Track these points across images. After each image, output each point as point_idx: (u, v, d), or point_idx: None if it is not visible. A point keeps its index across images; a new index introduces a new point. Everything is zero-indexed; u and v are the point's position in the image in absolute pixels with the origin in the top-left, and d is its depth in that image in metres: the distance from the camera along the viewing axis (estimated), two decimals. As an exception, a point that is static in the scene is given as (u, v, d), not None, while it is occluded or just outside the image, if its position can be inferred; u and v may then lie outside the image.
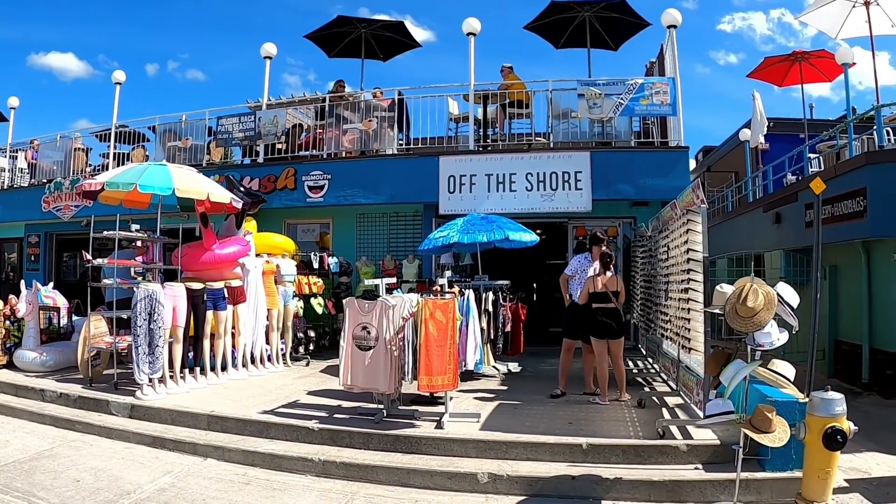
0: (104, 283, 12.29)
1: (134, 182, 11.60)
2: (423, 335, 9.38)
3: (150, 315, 11.14)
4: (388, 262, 17.33)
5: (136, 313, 11.08)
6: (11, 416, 11.40)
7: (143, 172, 11.93)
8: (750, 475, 7.45)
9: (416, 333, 9.61)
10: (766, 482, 7.51)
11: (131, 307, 11.20)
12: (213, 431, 9.91)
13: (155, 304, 11.17)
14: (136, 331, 11.09)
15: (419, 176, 16.54)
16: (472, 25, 17.13)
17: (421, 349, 9.38)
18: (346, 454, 8.77)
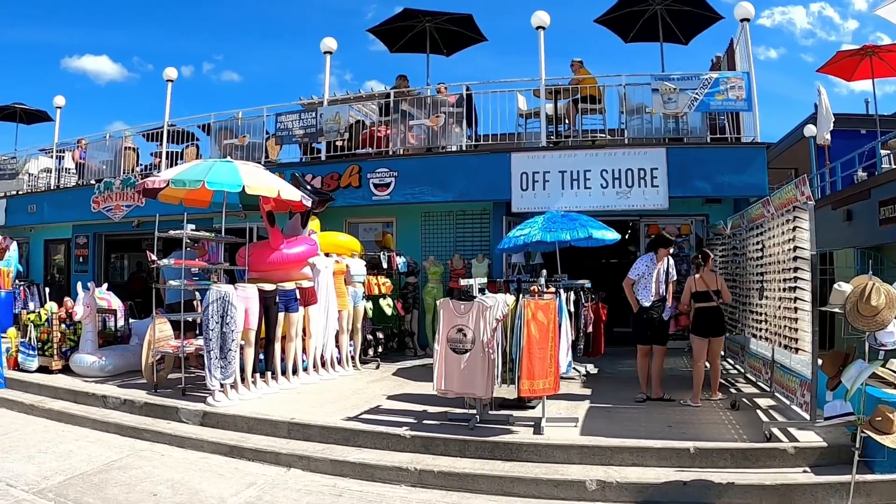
0: (171, 284, 11.75)
1: (201, 179, 10.97)
2: (525, 338, 8.82)
3: (223, 318, 10.53)
4: (456, 261, 16.67)
5: (207, 316, 10.51)
6: (72, 424, 10.82)
7: (210, 169, 11.29)
8: (860, 477, 6.99)
9: (504, 336, 9.25)
10: (876, 484, 7.19)
11: (202, 309, 10.68)
12: (294, 440, 9.32)
13: (227, 306, 10.56)
14: (207, 334, 10.52)
15: (490, 173, 15.87)
16: (541, 19, 16.47)
17: (523, 352, 8.82)
18: (443, 462, 8.26)
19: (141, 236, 24.40)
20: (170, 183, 11.28)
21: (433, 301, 15.97)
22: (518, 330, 9.09)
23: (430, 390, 10.82)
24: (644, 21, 18.41)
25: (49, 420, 11.11)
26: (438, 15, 18.59)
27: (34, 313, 13.84)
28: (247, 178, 11.25)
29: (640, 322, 10.95)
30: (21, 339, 13.81)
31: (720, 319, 10.67)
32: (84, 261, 22.95)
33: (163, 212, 18.30)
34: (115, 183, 20.46)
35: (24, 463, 8.77)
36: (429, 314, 16.37)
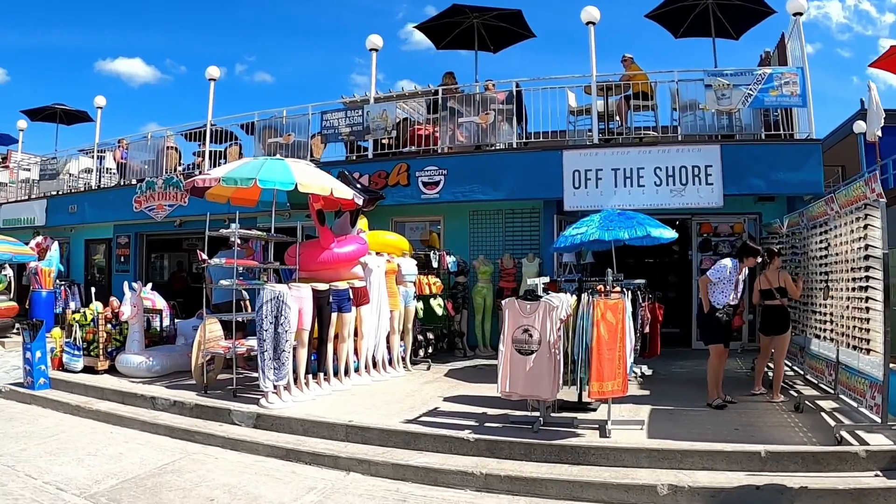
0: (222, 284, 11.50)
1: (253, 177, 10.72)
2: (594, 338, 8.55)
3: (277, 318, 10.30)
4: (506, 260, 16.31)
5: (261, 316, 10.27)
6: (121, 426, 10.60)
7: (261, 167, 11.05)
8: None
9: (566, 336, 9.10)
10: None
11: (256, 310, 10.41)
12: (352, 443, 9.05)
13: (282, 306, 10.31)
14: (261, 335, 10.28)
15: (541, 171, 15.49)
16: (591, 14, 16.13)
17: (592, 353, 8.58)
18: (509, 466, 7.98)
19: (182, 236, 24.39)
20: (221, 181, 11.03)
21: (483, 301, 15.79)
22: (581, 330, 8.93)
23: (486, 392, 10.80)
24: (695, 16, 18.02)
25: (97, 421, 10.92)
26: (487, 10, 18.25)
27: (79, 313, 13.60)
28: (299, 176, 11.02)
29: (713, 323, 10.57)
30: (66, 340, 13.64)
31: (783, 317, 10.59)
32: (125, 260, 22.90)
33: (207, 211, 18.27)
34: (157, 182, 20.32)
35: (74, 466, 8.55)
36: (478, 314, 16.13)
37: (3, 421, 11.01)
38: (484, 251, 16.87)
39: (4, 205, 26.69)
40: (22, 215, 25.35)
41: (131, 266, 22.65)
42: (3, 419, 11.13)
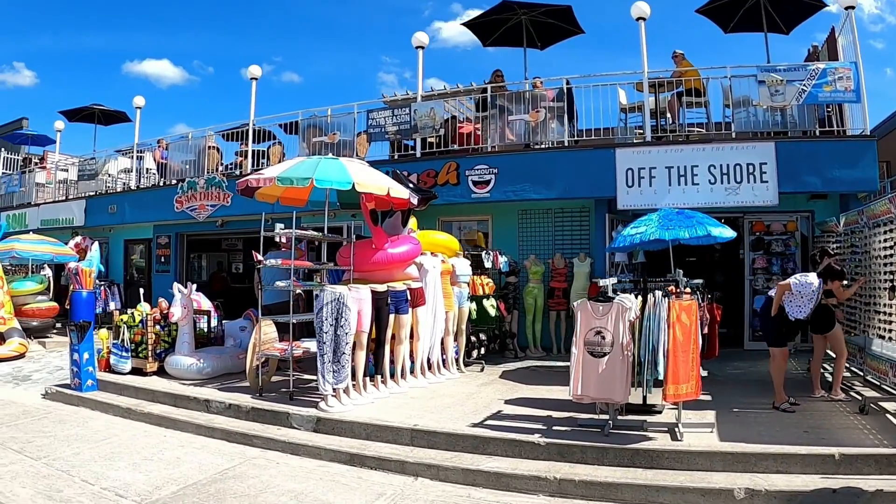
0: (278, 285, 11.27)
1: (309, 177, 10.52)
2: (671, 340, 8.33)
3: (337, 320, 10.05)
4: (557, 260, 16.02)
5: (321, 318, 10.04)
6: (174, 429, 10.45)
7: (317, 167, 10.83)
8: None
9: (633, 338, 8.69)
10: None
11: (315, 311, 10.18)
12: (418, 447, 8.83)
13: (342, 308, 10.07)
14: (321, 337, 10.05)
15: (593, 169, 15.22)
16: (641, 10, 15.86)
17: (669, 356, 8.34)
18: (582, 471, 7.79)
19: (221, 236, 24.29)
20: (276, 181, 10.80)
21: (534, 301, 15.55)
22: (647, 331, 8.71)
23: (546, 394, 10.74)
24: (745, 10, 17.70)
25: (149, 424, 10.77)
26: (536, 7, 17.91)
27: (127, 314, 13.50)
28: (356, 176, 10.81)
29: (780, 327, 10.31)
30: (113, 341, 13.48)
31: (827, 315, 10.49)
32: (166, 260, 22.83)
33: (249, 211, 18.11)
34: (199, 182, 20.22)
35: (131, 471, 8.35)
36: (529, 315, 15.88)
37: (53, 423, 10.88)
38: (533, 251, 16.59)
39: (43, 205, 26.69)
40: (60, 216, 25.36)
41: (172, 266, 22.60)
42: (52, 422, 11.01)
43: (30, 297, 20.28)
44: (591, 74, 16.28)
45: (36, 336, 19.60)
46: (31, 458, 8.88)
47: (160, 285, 22.02)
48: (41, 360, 17.46)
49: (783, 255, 15.81)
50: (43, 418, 11.24)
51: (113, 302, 22.19)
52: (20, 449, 9.28)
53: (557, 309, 15.83)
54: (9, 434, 10.10)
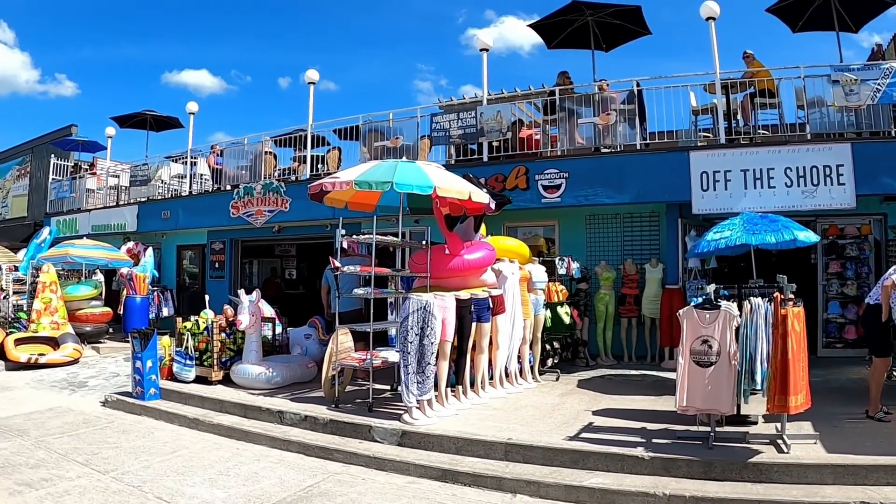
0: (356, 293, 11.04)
1: (389, 180, 10.18)
2: (789, 349, 7.97)
3: (423, 329, 9.72)
4: (629, 266, 15.59)
5: (406, 327, 9.69)
6: (246, 441, 10.11)
7: (395, 170, 10.50)
8: None
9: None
10: None
11: (400, 320, 9.86)
12: (512, 462, 8.43)
13: (428, 316, 9.73)
14: (406, 347, 9.69)
15: (666, 172, 14.75)
16: (711, 9, 15.43)
17: (788, 365, 7.97)
18: (690, 486, 7.45)
19: (275, 242, 24.10)
20: (354, 185, 10.46)
21: (605, 308, 15.20)
22: (745, 340, 8.47)
23: (631, 405, 10.61)
24: (814, 9, 17.26)
25: (218, 436, 10.46)
26: (603, 7, 17.50)
27: (191, 321, 13.23)
28: (436, 180, 10.48)
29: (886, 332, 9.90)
30: (176, 349, 13.26)
31: None
32: (220, 266, 22.69)
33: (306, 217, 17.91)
34: (255, 188, 19.98)
35: (208, 487, 8.03)
36: (600, 322, 15.47)
37: (117, 433, 10.60)
38: (601, 257, 16.18)
39: (94, 210, 26.63)
40: (112, 221, 25.28)
41: (226, 272, 22.46)
42: (115, 431, 10.75)
43: (83, 302, 20.24)
44: (661, 76, 15.92)
45: (89, 341, 19.49)
46: (98, 471, 8.57)
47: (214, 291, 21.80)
48: (96, 365, 17.27)
49: (857, 259, 15.30)
50: (105, 428, 10.98)
51: (166, 307, 22.20)
52: (85, 461, 8.99)
53: (629, 316, 15.44)
54: (71, 445, 9.83)
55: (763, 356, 8.39)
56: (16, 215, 36.47)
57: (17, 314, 19.12)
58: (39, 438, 10.14)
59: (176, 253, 24.61)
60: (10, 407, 12.43)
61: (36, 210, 33.94)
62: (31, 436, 10.30)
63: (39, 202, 33.21)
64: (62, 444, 9.86)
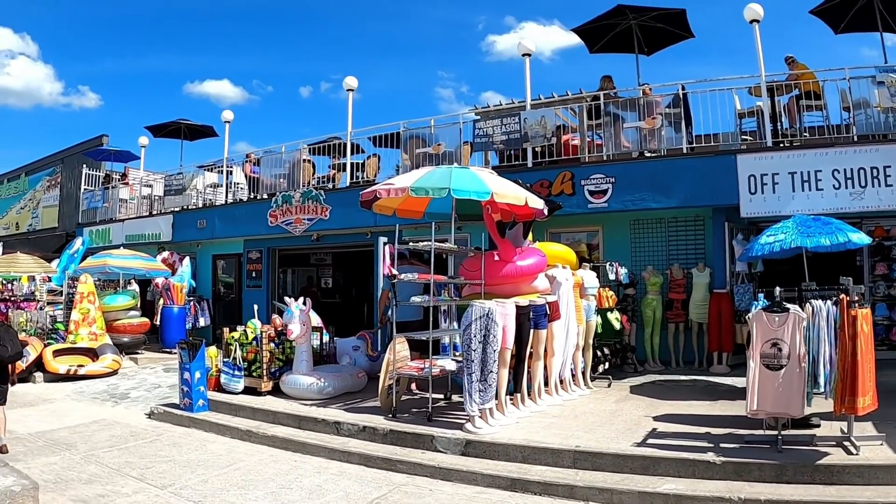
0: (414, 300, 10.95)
1: (446, 187, 10.12)
2: (860, 352, 7.98)
3: (486, 337, 9.60)
4: (675, 271, 15.42)
5: (469, 335, 9.60)
6: (303, 453, 10.01)
7: (451, 177, 10.41)
8: None
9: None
10: None
11: (462, 328, 9.74)
12: (581, 470, 8.32)
13: (491, 324, 9.62)
14: (469, 355, 9.59)
15: (713, 176, 14.61)
16: (755, 12, 15.29)
17: (858, 367, 7.97)
18: (764, 490, 7.38)
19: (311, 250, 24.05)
20: (410, 191, 10.39)
21: (652, 314, 15.07)
22: (809, 342, 8.31)
23: (689, 409, 10.65)
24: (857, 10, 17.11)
25: (273, 448, 10.35)
26: (647, 11, 17.36)
27: (238, 331, 13.12)
28: (493, 185, 10.41)
29: None
30: (224, 359, 13.14)
31: None
32: (257, 275, 22.59)
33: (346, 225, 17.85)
34: (294, 196, 19.93)
35: (271, 501, 7.95)
36: (647, 327, 15.32)
37: (167, 447, 10.53)
38: (646, 261, 16.01)
39: (127, 220, 26.70)
40: (146, 231, 25.33)
41: (264, 281, 22.37)
42: (166, 444, 10.68)
43: (121, 313, 20.24)
44: (706, 79, 15.76)
45: (127, 352, 19.43)
46: (155, 486, 8.48)
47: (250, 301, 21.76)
48: (135, 376, 17.20)
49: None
50: (155, 441, 10.90)
51: (202, 317, 22.24)
52: (140, 476, 8.89)
53: (676, 321, 15.28)
54: (122, 459, 9.75)
55: (826, 358, 8.30)
56: (47, 226, 36.62)
57: (55, 325, 19.12)
58: (88, 452, 10.07)
59: (211, 262, 24.57)
60: (53, 420, 12.39)
61: (67, 221, 34.06)
62: (80, 449, 10.23)
63: (71, 213, 33.36)
64: (113, 457, 9.81)
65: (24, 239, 33.39)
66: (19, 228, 39.37)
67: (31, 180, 39.30)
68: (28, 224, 38.86)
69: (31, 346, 16.41)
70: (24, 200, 39.94)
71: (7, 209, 41.50)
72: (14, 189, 40.99)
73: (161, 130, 27.88)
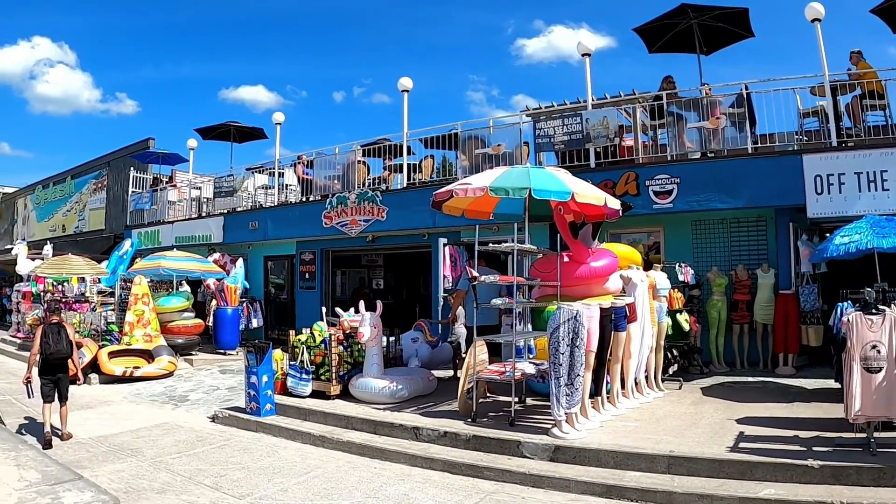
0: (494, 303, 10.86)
1: (527, 187, 10.08)
2: None
3: (573, 340, 9.55)
4: (740, 272, 15.26)
5: (556, 338, 9.53)
6: (382, 459, 9.83)
7: (530, 176, 10.37)
8: None
9: None
10: None
11: (550, 331, 9.65)
12: (676, 475, 8.21)
13: (578, 327, 9.56)
14: (557, 359, 9.51)
15: (779, 176, 14.47)
16: (816, 10, 15.20)
17: None
18: (864, 494, 7.29)
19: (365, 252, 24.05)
20: (489, 191, 10.36)
21: (718, 315, 14.96)
22: None
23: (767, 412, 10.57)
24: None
25: (350, 454, 10.19)
26: (709, 10, 17.16)
27: (305, 334, 13.04)
28: (572, 185, 10.39)
29: None
30: (291, 362, 13.05)
31: None
32: (310, 277, 22.61)
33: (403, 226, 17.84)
34: (349, 197, 19.97)
35: (359, 513, 7.76)
36: (713, 329, 15.20)
37: (237, 452, 10.42)
38: (708, 262, 15.87)
39: (176, 222, 26.91)
40: (196, 232, 25.58)
41: (317, 283, 22.39)
42: (235, 450, 10.56)
43: (175, 314, 20.35)
44: (769, 79, 15.61)
45: (181, 354, 19.55)
46: (232, 496, 8.31)
47: (304, 302, 21.94)
48: (191, 378, 17.30)
49: None
50: (223, 446, 10.81)
51: (255, 319, 22.30)
52: (215, 484, 8.75)
53: (741, 322, 15.12)
54: (193, 465, 9.64)
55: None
56: (93, 228, 36.85)
57: (108, 326, 19.19)
58: (156, 458, 9.99)
59: (263, 264, 24.71)
60: (113, 423, 12.38)
61: (114, 223, 34.34)
62: (147, 455, 10.14)
63: (117, 215, 33.64)
64: (183, 464, 9.70)
65: (73, 241, 33.60)
66: (66, 231, 39.66)
67: (77, 183, 39.58)
68: (74, 226, 39.13)
69: (86, 348, 16.59)
70: (70, 203, 40.23)
71: (53, 212, 41.87)
72: (60, 192, 41.31)
73: (210, 133, 28.13)
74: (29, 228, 44.35)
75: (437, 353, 14.01)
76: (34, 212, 44.42)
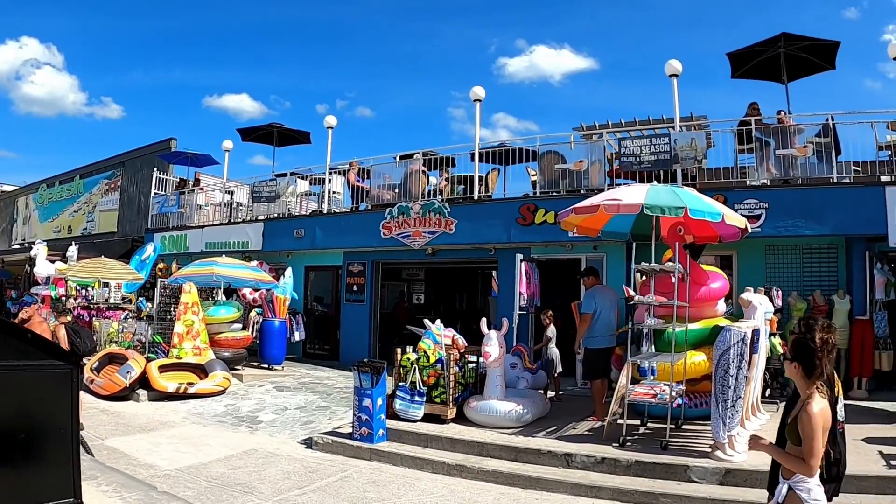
0: (647, 323, 11.11)
1: (683, 206, 10.21)
2: None
3: (740, 363, 9.85)
4: (818, 297, 15.66)
5: (726, 360, 9.80)
6: (539, 489, 9.47)
7: (681, 196, 10.62)
8: None
9: None
10: None
11: (718, 354, 9.93)
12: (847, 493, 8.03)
13: (745, 348, 9.87)
14: (726, 381, 9.76)
15: (861, 205, 14.91)
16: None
17: None
18: None
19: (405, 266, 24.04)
20: (643, 208, 10.39)
21: (796, 339, 15.27)
22: None
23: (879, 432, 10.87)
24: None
25: (498, 485, 9.76)
26: (801, 40, 17.53)
27: (419, 353, 12.57)
28: (720, 207, 10.79)
29: None
30: (400, 383, 12.46)
31: None
32: (359, 290, 22.02)
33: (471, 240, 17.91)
34: (413, 208, 19.72)
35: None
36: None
37: (369, 486, 9.73)
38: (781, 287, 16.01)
39: (207, 227, 26.57)
40: (230, 238, 25.01)
41: (367, 296, 21.85)
42: (363, 483, 9.89)
43: (224, 326, 19.58)
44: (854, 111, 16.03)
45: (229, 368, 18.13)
46: None
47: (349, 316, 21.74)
48: (249, 396, 16.44)
49: None
50: (345, 479, 10.04)
51: (297, 332, 21.83)
52: None
53: (818, 347, 15.46)
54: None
55: None
56: (103, 230, 36.21)
57: (153, 337, 18.38)
58: (279, 497, 9.13)
59: (304, 274, 23.89)
60: (190, 449, 11.53)
61: (128, 225, 33.87)
62: (263, 493, 9.25)
63: (132, 217, 33.30)
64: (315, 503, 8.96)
65: (90, 243, 32.30)
66: (72, 232, 38.73)
67: (86, 183, 38.92)
68: (82, 228, 38.45)
69: (133, 361, 15.78)
70: (78, 203, 39.53)
71: (58, 212, 41.14)
72: (67, 192, 40.55)
73: (251, 134, 27.79)
74: (30, 229, 43.63)
75: (536, 379, 13.84)
76: (36, 211, 43.67)
